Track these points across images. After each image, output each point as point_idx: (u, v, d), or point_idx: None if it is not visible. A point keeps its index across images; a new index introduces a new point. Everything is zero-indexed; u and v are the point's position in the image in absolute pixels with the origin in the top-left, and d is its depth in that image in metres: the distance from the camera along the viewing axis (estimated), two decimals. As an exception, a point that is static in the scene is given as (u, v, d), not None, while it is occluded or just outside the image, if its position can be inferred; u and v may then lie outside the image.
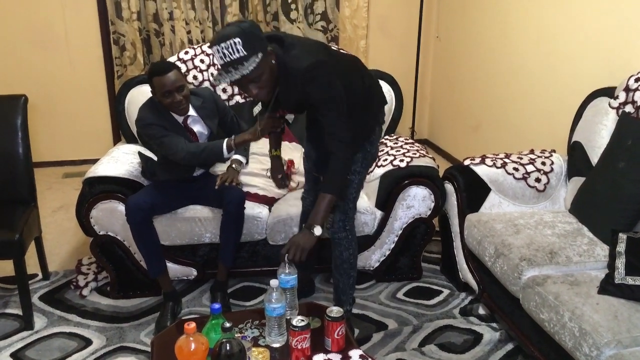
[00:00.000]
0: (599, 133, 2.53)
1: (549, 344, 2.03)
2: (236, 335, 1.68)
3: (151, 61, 4.49)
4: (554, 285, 2.02)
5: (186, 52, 3.17)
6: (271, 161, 2.51)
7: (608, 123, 2.50)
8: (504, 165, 2.69)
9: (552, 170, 2.72)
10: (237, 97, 3.18)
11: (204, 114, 2.59)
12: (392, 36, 4.91)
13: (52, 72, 4.44)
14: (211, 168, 2.79)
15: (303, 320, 1.73)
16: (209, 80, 3.14)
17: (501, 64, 3.85)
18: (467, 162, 2.75)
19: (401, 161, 2.79)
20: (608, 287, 1.95)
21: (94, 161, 2.92)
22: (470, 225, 2.57)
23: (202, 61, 3.14)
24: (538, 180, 2.68)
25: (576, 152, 2.66)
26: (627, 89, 2.44)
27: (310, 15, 4.64)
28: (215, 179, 2.57)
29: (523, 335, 2.25)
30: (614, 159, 2.35)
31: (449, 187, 2.74)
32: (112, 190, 2.57)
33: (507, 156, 2.77)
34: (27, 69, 4.38)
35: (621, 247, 2.02)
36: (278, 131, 2.39)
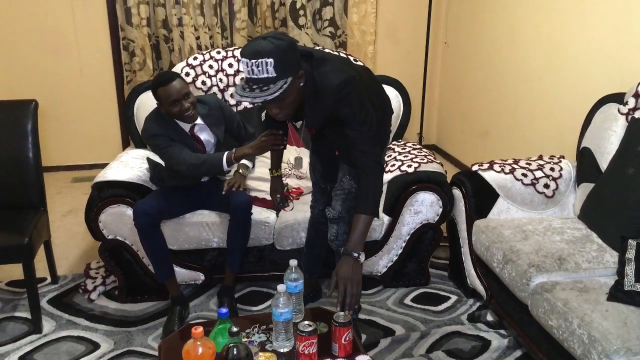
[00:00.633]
0: (608, 139, 2.51)
1: (558, 351, 2.01)
2: (243, 340, 1.67)
3: (160, 67, 4.52)
4: (562, 292, 2.00)
5: (195, 58, 3.19)
6: (271, 181, 2.43)
7: (617, 129, 2.49)
8: (512, 171, 2.68)
9: (561, 176, 2.70)
10: (245, 103, 3.19)
11: (210, 121, 2.60)
12: (400, 42, 4.92)
13: (62, 77, 4.48)
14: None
15: (310, 326, 1.72)
16: (217, 85, 3.15)
17: (510, 70, 3.84)
18: (475, 168, 2.74)
19: (409, 166, 2.79)
20: (617, 294, 1.94)
21: (103, 166, 2.94)
22: (478, 231, 2.56)
23: (210, 67, 3.15)
24: (547, 186, 2.67)
25: (585, 158, 2.64)
26: (636, 95, 2.42)
27: (319, 21, 4.65)
28: (222, 184, 2.58)
29: (531, 342, 2.23)
30: (623, 165, 2.34)
31: (457, 192, 2.73)
32: (121, 195, 2.59)
33: (516, 162, 2.76)
34: (38, 75, 4.42)
35: (631, 254, 2.00)
36: (280, 148, 2.31)
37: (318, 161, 2.40)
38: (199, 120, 2.56)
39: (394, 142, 3.17)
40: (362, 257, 1.90)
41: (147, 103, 2.91)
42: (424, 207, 2.73)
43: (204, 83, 3.14)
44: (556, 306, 1.96)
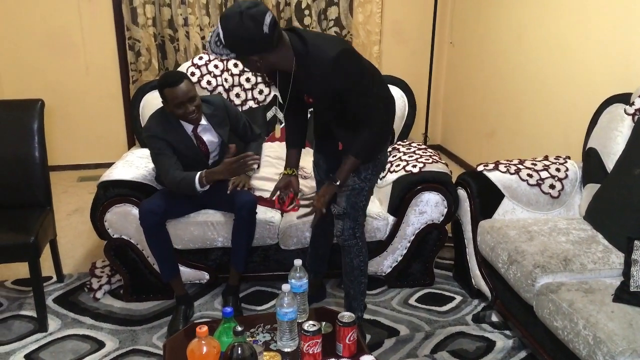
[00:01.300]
0: (614, 139, 2.50)
1: (563, 352, 2.00)
2: (247, 339, 1.68)
3: (166, 66, 4.53)
4: (568, 293, 2.00)
5: (200, 58, 3.20)
6: (282, 178, 2.36)
7: (624, 129, 2.48)
8: (517, 171, 2.67)
9: (566, 176, 2.69)
10: (250, 102, 3.20)
11: (215, 122, 2.61)
12: (406, 42, 4.91)
13: (68, 77, 4.50)
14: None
15: (315, 325, 1.73)
16: (222, 85, 3.16)
17: (515, 70, 3.83)
18: (480, 168, 2.74)
19: (414, 167, 2.79)
20: (623, 295, 1.93)
21: (108, 165, 2.95)
22: (483, 232, 2.56)
23: (216, 66, 3.16)
24: (552, 186, 2.66)
25: (591, 158, 2.63)
26: (643, 95, 2.41)
27: (324, 21, 4.65)
28: (228, 183, 2.58)
29: (536, 342, 2.23)
30: (629, 166, 2.33)
31: (462, 193, 2.73)
32: (126, 194, 2.60)
33: (521, 162, 2.75)
34: (44, 74, 4.44)
35: (637, 255, 2.00)
36: (254, 168, 2.41)
37: (322, 159, 2.41)
38: (203, 120, 2.56)
39: (399, 142, 3.17)
40: (339, 183, 2.14)
41: (152, 102, 2.92)
42: (428, 207, 2.73)
43: (209, 83, 3.15)
44: (561, 307, 1.96)
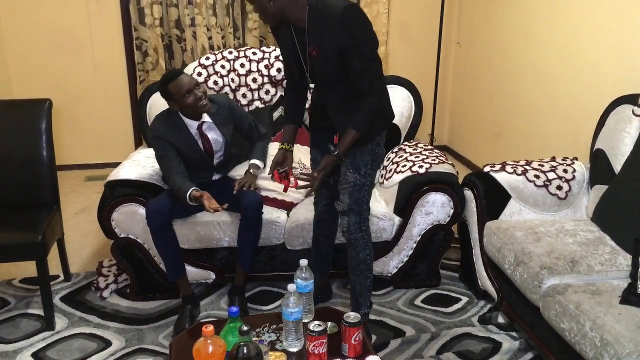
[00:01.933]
0: (622, 141, 2.49)
1: (570, 354, 1.99)
2: (253, 339, 1.68)
3: (173, 66, 4.55)
4: (575, 295, 1.99)
5: (207, 58, 3.21)
6: (278, 152, 2.37)
7: (631, 131, 2.47)
8: (524, 172, 2.66)
9: (574, 177, 2.68)
10: (256, 102, 3.21)
11: (219, 120, 2.62)
12: (412, 42, 4.91)
13: (76, 77, 4.52)
14: (229, 172, 2.81)
15: (320, 325, 1.73)
16: (229, 85, 3.17)
17: (523, 71, 3.81)
18: (487, 169, 2.73)
19: (420, 167, 2.78)
20: (630, 297, 1.92)
21: (116, 165, 2.96)
22: (489, 233, 2.55)
23: (222, 67, 3.17)
24: (559, 187, 2.65)
25: (599, 159, 2.62)
26: (651, 96, 2.40)
27: (331, 22, 4.65)
28: (233, 183, 2.59)
29: (543, 344, 2.22)
30: (637, 167, 2.32)
31: (468, 193, 2.72)
32: (133, 194, 2.61)
33: (528, 163, 2.74)
34: (52, 74, 4.46)
35: (644, 257, 1.99)
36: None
37: (319, 154, 2.40)
38: (207, 118, 2.57)
39: (405, 143, 3.16)
40: (337, 153, 2.17)
41: (159, 102, 2.92)
42: (435, 208, 2.72)
43: (215, 83, 3.15)
44: (568, 309, 1.95)
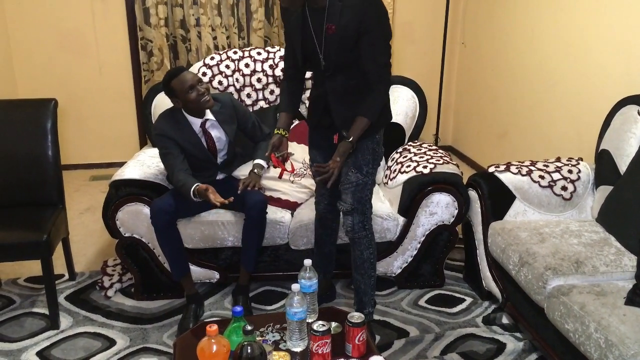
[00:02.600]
0: (627, 141, 2.48)
1: (574, 355, 1.99)
2: (257, 339, 1.68)
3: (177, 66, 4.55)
4: (579, 295, 1.98)
5: (212, 58, 3.21)
6: (274, 137, 2.28)
7: (637, 131, 2.46)
8: (529, 172, 2.66)
9: (579, 178, 2.67)
10: (261, 102, 3.21)
11: (222, 119, 2.63)
12: (417, 42, 4.90)
13: (81, 77, 4.54)
14: (234, 172, 2.81)
15: (324, 325, 1.73)
16: (234, 85, 3.17)
17: (528, 71, 3.80)
18: (491, 169, 2.72)
19: (425, 167, 2.78)
20: (635, 298, 1.91)
21: (120, 164, 2.97)
22: (494, 233, 2.54)
23: (227, 67, 3.17)
24: (564, 188, 2.64)
25: (604, 160, 2.61)
26: (657, 97, 2.39)
27: (335, 22, 4.65)
28: (238, 183, 2.59)
29: (547, 345, 2.21)
30: (643, 168, 2.31)
31: (472, 194, 2.72)
32: (138, 193, 2.62)
33: (533, 164, 2.73)
34: (58, 74, 4.48)
35: (650, 258, 1.98)
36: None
37: (318, 155, 2.40)
38: (210, 116, 2.58)
39: (409, 143, 3.16)
40: (353, 139, 2.13)
41: (164, 102, 2.93)
42: (439, 208, 2.72)
43: (220, 83, 3.16)
44: (573, 310, 1.94)
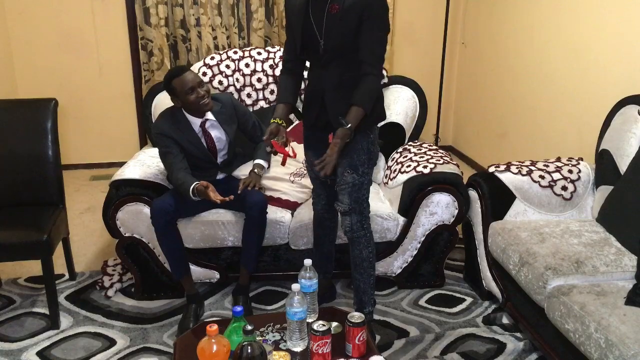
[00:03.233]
0: (627, 141, 2.48)
1: (574, 355, 1.99)
2: (257, 339, 1.68)
3: (180, 65, 4.56)
4: (579, 295, 1.98)
5: (212, 58, 3.21)
6: (271, 125, 2.21)
7: (637, 131, 2.45)
8: (529, 172, 2.66)
9: (579, 178, 2.67)
10: (261, 102, 3.21)
11: (222, 119, 2.63)
12: (417, 42, 4.90)
13: (82, 76, 4.54)
14: (234, 172, 2.81)
15: (324, 325, 1.73)
16: (234, 85, 3.17)
17: (528, 71, 3.80)
18: (491, 169, 2.72)
19: (425, 167, 2.78)
20: (635, 298, 1.91)
21: (121, 164, 2.97)
22: (494, 233, 2.54)
23: (227, 66, 3.17)
24: (564, 188, 2.64)
25: (604, 160, 2.61)
26: (657, 97, 2.39)
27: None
28: (238, 182, 2.59)
29: (547, 345, 2.21)
30: (643, 168, 2.31)
31: (473, 194, 2.72)
32: (138, 193, 2.62)
33: (533, 164, 2.73)
34: (58, 74, 4.48)
35: (650, 258, 1.98)
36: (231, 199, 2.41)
37: (314, 156, 2.39)
38: (210, 116, 2.59)
39: (409, 143, 3.16)
40: (351, 126, 2.11)
41: (164, 102, 2.93)
42: (439, 208, 2.72)
43: (220, 83, 3.16)
44: (573, 310, 1.94)
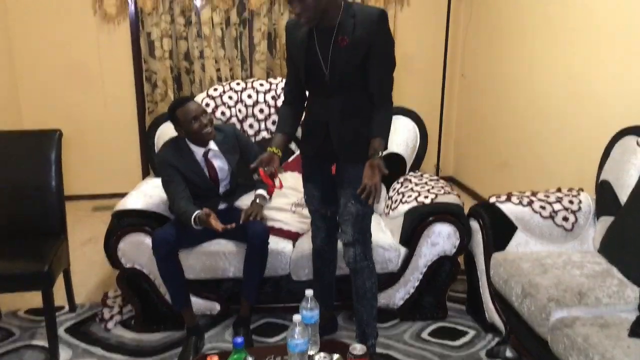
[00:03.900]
0: (627, 172, 2.49)
1: (579, 389, 1.96)
2: (258, 372, 1.67)
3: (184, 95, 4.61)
4: (583, 327, 1.96)
5: (215, 89, 3.26)
6: (267, 154, 2.20)
7: (637, 162, 2.47)
8: (530, 203, 2.66)
9: (580, 209, 2.67)
10: (263, 133, 3.24)
11: (225, 149, 2.66)
12: (417, 73, 4.95)
13: (86, 108, 4.59)
14: (235, 202, 2.82)
15: (326, 357, 1.71)
16: (236, 116, 3.21)
17: (527, 102, 3.84)
18: (492, 200, 2.73)
19: (426, 197, 2.78)
20: (639, 329, 1.90)
21: (123, 195, 2.97)
22: (496, 264, 2.53)
23: (230, 98, 3.21)
24: (565, 219, 2.64)
25: (604, 191, 2.62)
26: (655, 128, 2.41)
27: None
28: (240, 213, 2.60)
29: (552, 379, 2.18)
30: (643, 199, 2.31)
31: (474, 224, 2.71)
32: (140, 223, 2.62)
33: (534, 194, 2.74)
34: (63, 105, 4.53)
35: (653, 289, 1.97)
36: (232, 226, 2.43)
37: (314, 189, 2.40)
38: (213, 146, 2.61)
39: (410, 174, 3.17)
40: (381, 154, 2.11)
41: (167, 133, 2.96)
42: (441, 238, 2.72)
43: (223, 114, 3.19)
44: (576, 342, 1.92)
